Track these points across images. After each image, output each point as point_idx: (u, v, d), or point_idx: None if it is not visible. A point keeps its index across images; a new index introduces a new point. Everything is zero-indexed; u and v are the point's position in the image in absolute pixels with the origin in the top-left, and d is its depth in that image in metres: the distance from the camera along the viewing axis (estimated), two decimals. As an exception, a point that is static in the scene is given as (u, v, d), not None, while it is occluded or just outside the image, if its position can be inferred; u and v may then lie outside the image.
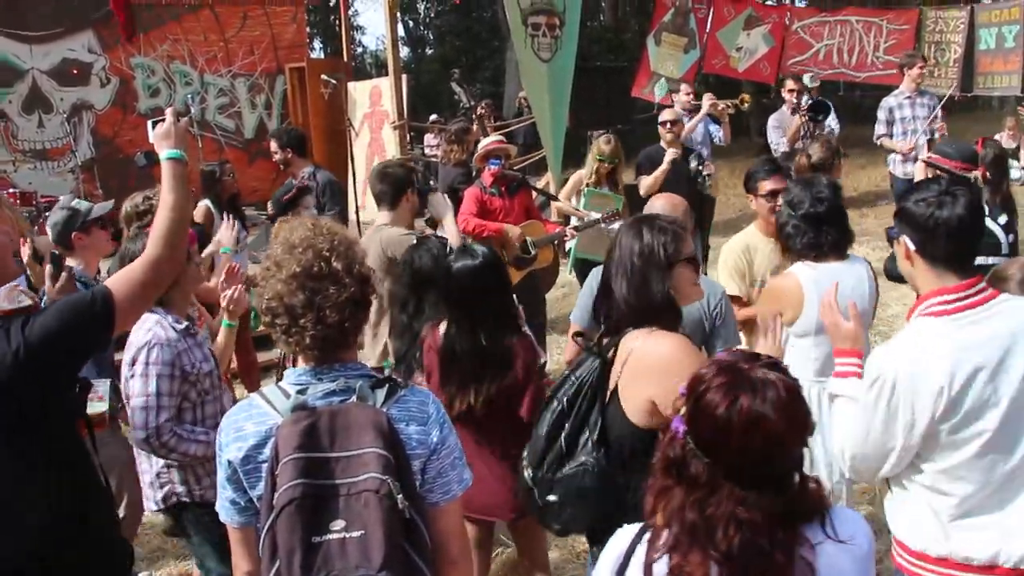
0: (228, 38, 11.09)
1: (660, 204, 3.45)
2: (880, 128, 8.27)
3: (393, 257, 4.08)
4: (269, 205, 6.03)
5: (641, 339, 2.43)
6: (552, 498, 2.51)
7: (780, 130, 8.33)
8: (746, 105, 8.02)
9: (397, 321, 3.74)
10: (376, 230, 4.46)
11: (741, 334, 3.67)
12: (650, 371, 2.38)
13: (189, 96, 10.52)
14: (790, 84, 8.62)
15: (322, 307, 1.96)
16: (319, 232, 2.04)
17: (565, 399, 2.51)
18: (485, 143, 6.21)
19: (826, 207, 3.31)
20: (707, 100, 7.89)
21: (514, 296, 3.33)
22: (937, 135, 7.79)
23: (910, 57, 8.70)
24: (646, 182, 6.56)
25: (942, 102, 7.96)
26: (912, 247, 2.28)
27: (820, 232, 3.30)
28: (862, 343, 2.50)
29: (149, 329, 2.99)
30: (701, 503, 1.64)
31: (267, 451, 1.94)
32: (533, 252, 5.99)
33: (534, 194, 6.48)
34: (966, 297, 2.23)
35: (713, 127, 8.31)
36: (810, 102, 8.26)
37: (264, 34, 11.38)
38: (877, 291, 3.48)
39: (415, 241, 3.94)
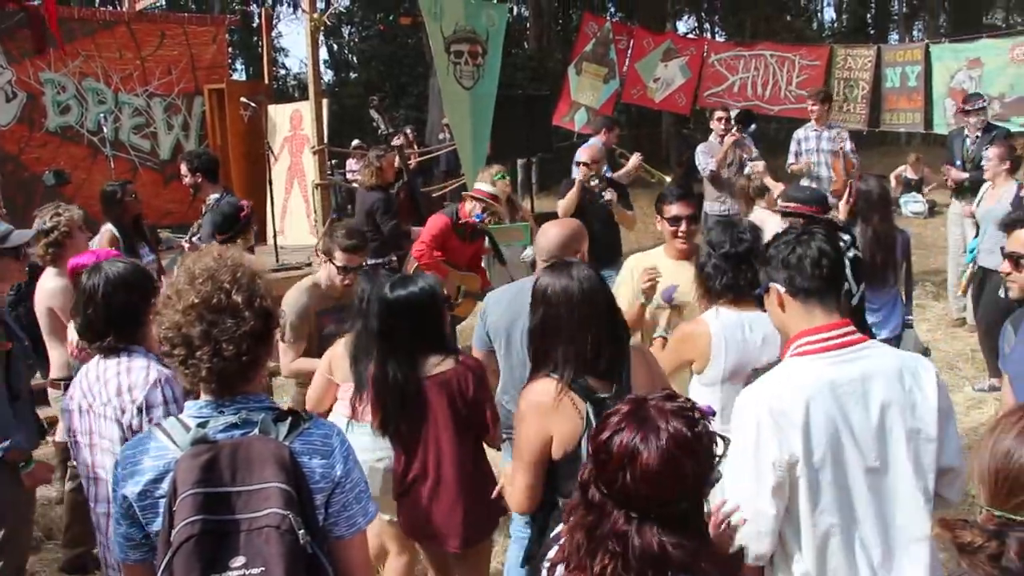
0: (145, 56, 10.81)
1: (554, 232, 3.47)
2: (791, 158, 8.62)
3: None
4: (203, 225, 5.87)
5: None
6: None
7: (709, 155, 8.51)
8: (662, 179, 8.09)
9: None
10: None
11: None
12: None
13: (102, 115, 10.21)
14: (719, 113, 8.85)
15: (219, 340, 1.92)
16: (223, 264, 2.00)
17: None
18: (483, 188, 6.07)
19: (746, 247, 3.30)
20: (635, 159, 7.95)
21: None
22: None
23: (811, 94, 9.11)
24: (559, 206, 6.62)
25: (844, 141, 8.24)
26: (782, 289, 2.35)
27: (739, 273, 3.28)
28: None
29: (148, 367, 2.81)
30: (591, 527, 1.71)
31: (165, 486, 1.89)
32: (459, 301, 6.06)
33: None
34: (837, 337, 2.28)
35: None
36: (738, 113, 8.51)
37: (183, 54, 11.13)
38: None
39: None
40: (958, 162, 7.86)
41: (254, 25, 23.60)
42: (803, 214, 4.39)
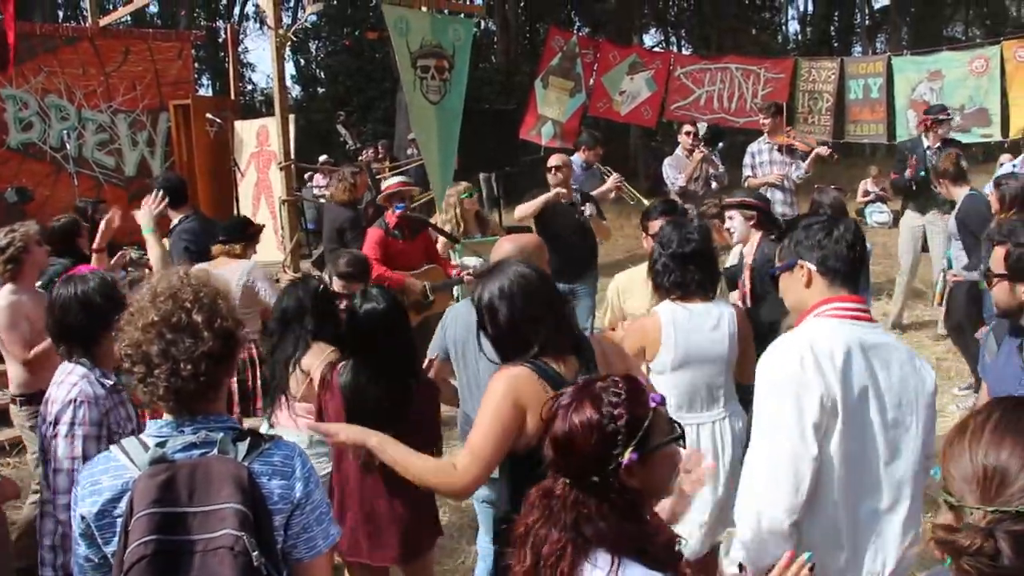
0: (109, 72, 10.70)
1: (508, 247, 3.45)
2: (746, 171, 8.67)
3: None
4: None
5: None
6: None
7: (676, 168, 8.57)
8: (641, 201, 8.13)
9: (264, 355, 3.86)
10: None
11: None
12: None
13: (65, 132, 10.10)
14: (687, 127, 8.91)
15: (177, 359, 1.91)
16: (186, 283, 2.00)
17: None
18: (389, 183, 6.20)
19: (693, 248, 3.46)
20: (614, 179, 7.95)
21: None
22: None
23: (762, 108, 9.21)
24: (517, 210, 6.61)
25: (810, 157, 8.31)
26: (813, 267, 2.39)
27: (686, 272, 3.44)
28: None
29: (75, 384, 2.82)
30: (548, 490, 1.88)
31: (123, 506, 1.88)
32: (431, 298, 6.02)
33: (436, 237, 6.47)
34: (860, 310, 2.38)
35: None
36: (707, 133, 8.56)
37: (147, 69, 11.04)
38: (744, 336, 3.54)
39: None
40: (921, 172, 7.94)
41: (220, 40, 23.50)
42: (751, 206, 4.72)
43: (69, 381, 2.85)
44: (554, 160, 6.81)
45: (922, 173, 7.88)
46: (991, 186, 6.05)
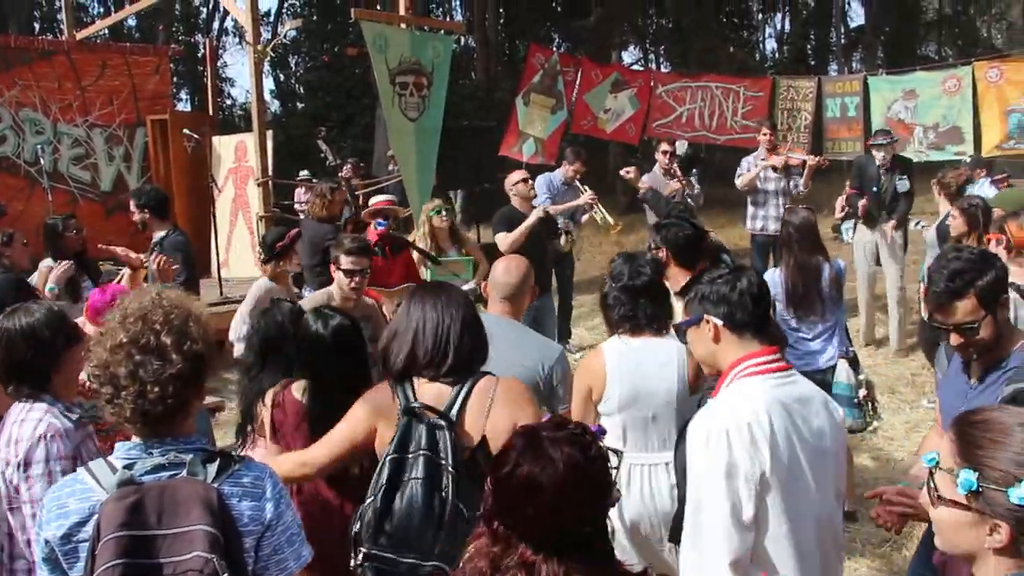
0: (85, 86, 10.62)
1: (501, 268, 3.57)
2: (738, 180, 8.69)
3: None
4: (259, 250, 5.82)
5: (492, 386, 2.61)
6: None
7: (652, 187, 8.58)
8: (615, 231, 8.16)
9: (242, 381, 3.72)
10: None
11: None
12: (516, 406, 2.56)
13: (39, 146, 9.99)
14: (664, 146, 8.95)
15: (145, 381, 1.89)
16: (158, 304, 1.98)
17: (442, 476, 2.46)
18: (375, 201, 6.20)
19: (644, 281, 3.36)
20: (589, 196, 7.97)
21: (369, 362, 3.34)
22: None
23: (760, 123, 9.34)
24: (506, 239, 6.60)
25: (806, 172, 8.43)
26: (720, 323, 2.43)
27: (636, 305, 3.34)
28: None
29: (40, 419, 2.67)
30: (496, 557, 1.72)
31: (89, 529, 1.86)
32: None
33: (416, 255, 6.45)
34: (773, 362, 2.41)
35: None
36: (688, 155, 8.58)
37: (124, 84, 10.96)
38: (697, 374, 3.40)
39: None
40: (875, 190, 8.08)
41: (199, 55, 23.40)
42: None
43: (33, 417, 2.68)
44: (520, 174, 6.86)
45: (874, 189, 8.03)
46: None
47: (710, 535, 2.24)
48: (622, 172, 7.70)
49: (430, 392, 2.61)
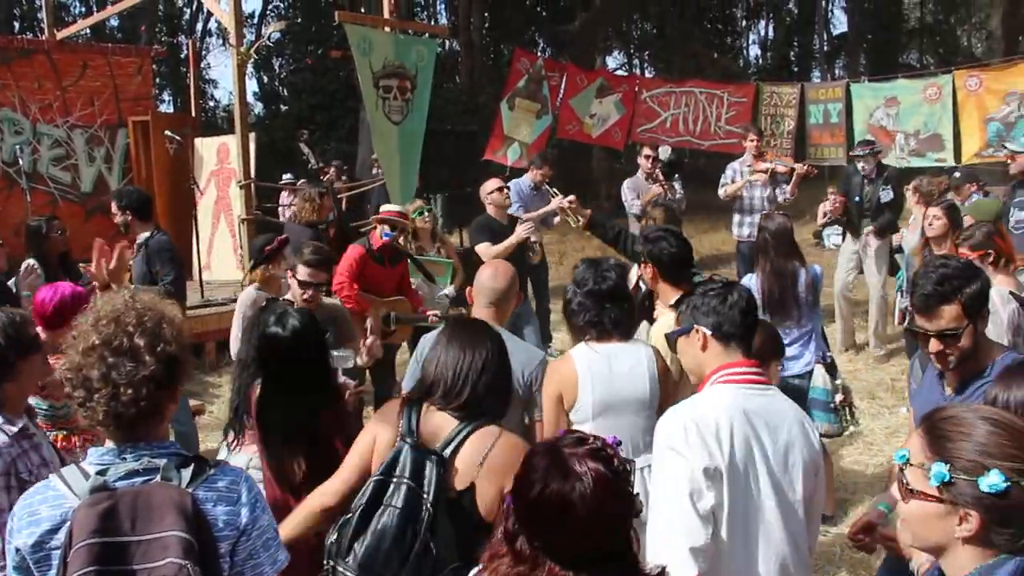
0: (65, 87, 10.54)
1: (487, 274, 3.55)
2: (722, 190, 8.75)
3: None
4: (240, 253, 5.78)
5: (493, 440, 2.50)
6: None
7: (635, 191, 8.61)
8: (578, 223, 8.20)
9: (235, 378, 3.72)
10: None
11: None
12: (509, 472, 2.31)
13: (18, 146, 9.89)
14: (646, 151, 8.96)
15: (118, 383, 1.87)
16: (131, 306, 1.97)
17: (420, 506, 2.41)
18: (387, 209, 6.15)
19: (609, 286, 3.33)
20: (563, 200, 7.97)
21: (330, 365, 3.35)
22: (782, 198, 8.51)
23: (746, 129, 9.34)
24: (491, 251, 6.59)
25: (793, 179, 8.51)
26: (709, 332, 2.53)
27: (602, 311, 3.31)
28: None
29: None
30: None
31: (61, 536, 1.83)
32: (393, 328, 5.95)
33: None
34: (751, 374, 2.50)
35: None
36: (671, 160, 8.64)
37: (106, 84, 10.89)
38: (666, 376, 3.39)
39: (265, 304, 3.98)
40: (856, 199, 8.16)
41: (182, 56, 23.29)
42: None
43: None
44: (495, 183, 6.88)
45: (856, 199, 8.10)
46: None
47: (668, 524, 2.30)
48: (564, 202, 7.72)
49: (433, 421, 2.57)
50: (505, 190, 6.79)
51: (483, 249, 6.61)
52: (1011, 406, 2.24)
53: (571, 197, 6.19)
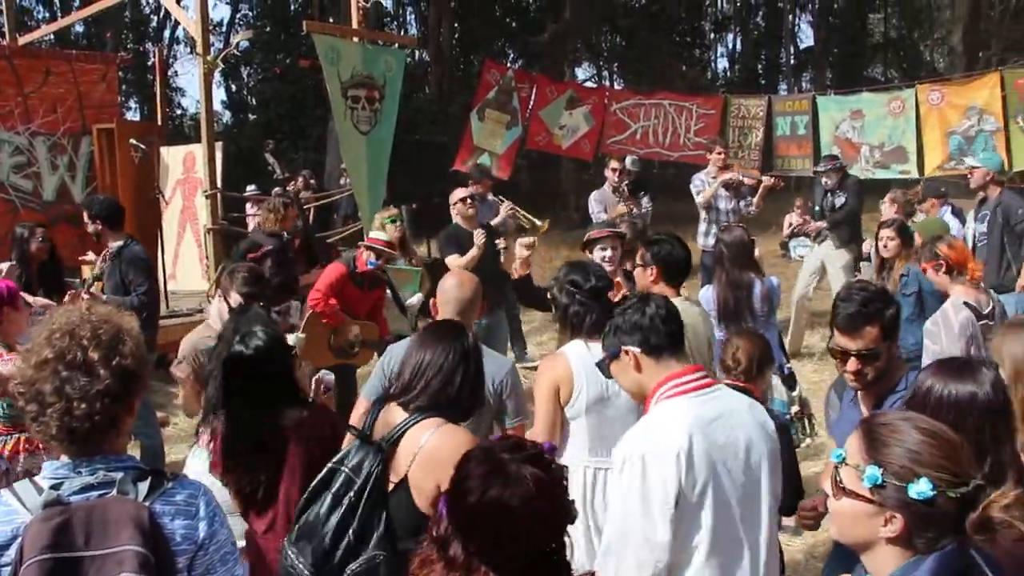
0: (28, 93, 10.34)
1: (451, 283, 3.56)
2: (701, 195, 8.78)
3: None
4: (205, 263, 5.74)
5: (430, 432, 2.55)
6: None
7: (601, 204, 8.64)
8: (542, 230, 8.24)
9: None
10: None
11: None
12: (444, 464, 2.39)
13: (-22, 154, 9.72)
14: (613, 163, 8.99)
15: (71, 397, 1.84)
16: (86, 319, 1.93)
17: (347, 494, 2.54)
18: (375, 236, 6.12)
19: (603, 285, 3.41)
20: (506, 208, 7.98)
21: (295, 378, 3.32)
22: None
23: (713, 143, 9.43)
24: (458, 262, 6.57)
25: (760, 191, 8.61)
26: (638, 350, 2.50)
27: (602, 308, 3.30)
28: None
29: None
30: None
31: (12, 553, 1.79)
32: (355, 351, 5.99)
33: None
34: (695, 380, 2.47)
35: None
36: (637, 173, 8.72)
37: (69, 91, 10.70)
38: None
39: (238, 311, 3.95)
40: (817, 208, 8.36)
41: (149, 64, 23.04)
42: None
43: None
44: (464, 191, 6.89)
45: (817, 208, 8.29)
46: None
47: (622, 557, 2.30)
48: (509, 209, 7.77)
49: (390, 416, 2.68)
50: (468, 200, 6.78)
51: (451, 261, 6.60)
52: (943, 401, 2.29)
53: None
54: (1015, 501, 1.65)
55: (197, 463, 3.68)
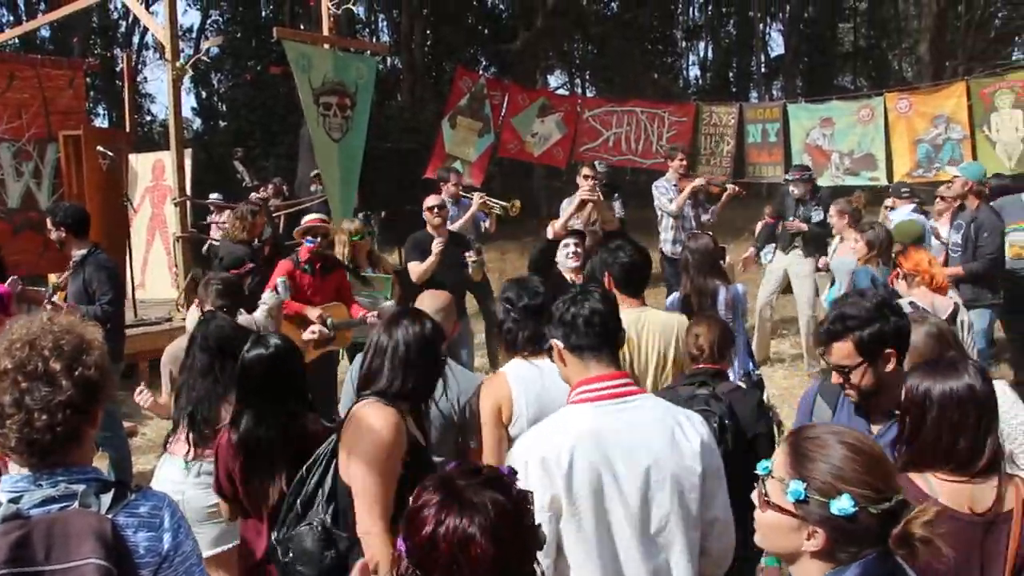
0: (-9, 99, 10.20)
1: (428, 301, 3.59)
2: (668, 205, 8.79)
3: None
4: (175, 271, 5.69)
5: (360, 405, 2.72)
6: (287, 558, 2.66)
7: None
8: (515, 211, 8.27)
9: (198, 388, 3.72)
10: None
11: None
12: (354, 432, 2.64)
13: (-59, 161, 9.54)
14: (585, 171, 8.97)
15: (32, 408, 1.80)
16: (48, 329, 1.88)
17: (305, 468, 2.78)
18: (307, 219, 6.20)
19: (541, 302, 3.29)
20: (477, 198, 8.00)
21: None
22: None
23: (672, 150, 9.54)
24: (418, 269, 6.54)
25: (723, 199, 8.71)
26: (560, 344, 2.47)
27: (539, 325, 3.20)
28: None
29: None
30: None
31: None
32: (331, 334, 5.94)
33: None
34: (610, 388, 2.40)
35: (480, 214, 8.46)
36: (609, 176, 8.73)
37: (34, 97, 10.52)
38: None
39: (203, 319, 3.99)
40: (791, 217, 8.44)
41: (118, 70, 22.79)
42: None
43: None
44: (434, 200, 6.87)
45: (790, 218, 8.39)
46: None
47: None
48: (480, 199, 7.82)
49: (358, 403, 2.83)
50: (436, 209, 6.73)
51: (412, 268, 6.59)
52: (945, 399, 2.28)
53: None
54: (936, 517, 1.67)
55: (172, 471, 3.71)
